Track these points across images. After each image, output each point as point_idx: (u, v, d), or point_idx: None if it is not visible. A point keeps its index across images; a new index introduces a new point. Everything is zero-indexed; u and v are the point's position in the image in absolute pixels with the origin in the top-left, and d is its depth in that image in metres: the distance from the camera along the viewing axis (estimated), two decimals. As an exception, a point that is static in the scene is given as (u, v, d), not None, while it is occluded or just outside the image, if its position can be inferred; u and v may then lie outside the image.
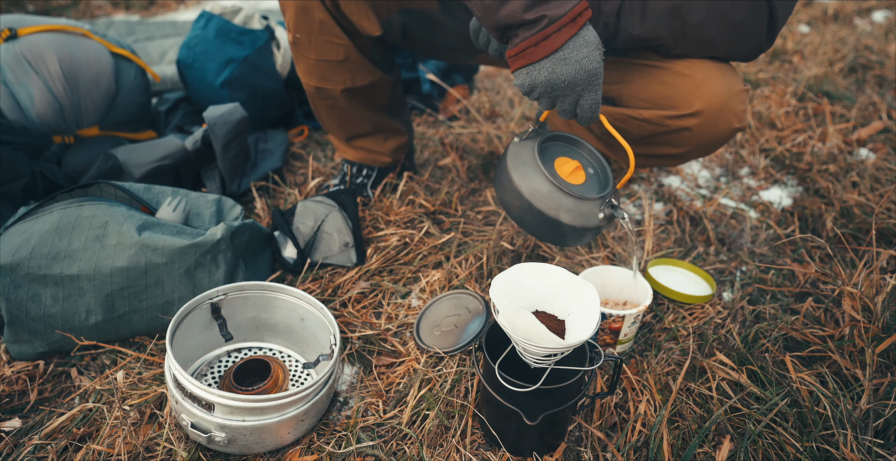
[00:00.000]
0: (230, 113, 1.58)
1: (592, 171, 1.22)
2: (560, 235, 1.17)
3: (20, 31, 1.54)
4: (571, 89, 0.99)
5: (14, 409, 1.12)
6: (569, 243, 1.19)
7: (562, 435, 1.04)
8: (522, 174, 1.14)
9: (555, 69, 0.95)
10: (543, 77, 0.96)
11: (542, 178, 1.12)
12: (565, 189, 1.12)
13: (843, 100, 2.18)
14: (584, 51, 0.95)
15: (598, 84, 0.99)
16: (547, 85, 0.97)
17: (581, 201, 1.13)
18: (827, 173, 1.77)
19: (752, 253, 1.51)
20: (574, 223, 1.13)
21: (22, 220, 1.20)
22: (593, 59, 0.96)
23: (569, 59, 0.95)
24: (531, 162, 1.14)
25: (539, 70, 0.96)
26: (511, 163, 1.16)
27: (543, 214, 1.12)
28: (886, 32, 2.88)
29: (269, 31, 1.88)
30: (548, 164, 1.16)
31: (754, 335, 1.24)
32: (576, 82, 0.97)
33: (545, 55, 0.95)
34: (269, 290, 1.17)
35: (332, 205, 1.45)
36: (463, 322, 1.22)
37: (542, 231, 1.17)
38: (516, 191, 1.14)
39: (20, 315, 1.15)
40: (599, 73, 0.98)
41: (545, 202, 1.12)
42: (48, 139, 1.60)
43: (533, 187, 1.13)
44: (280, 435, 1.01)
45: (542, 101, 1.02)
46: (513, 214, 1.18)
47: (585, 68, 0.96)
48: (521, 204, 1.14)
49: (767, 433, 1.05)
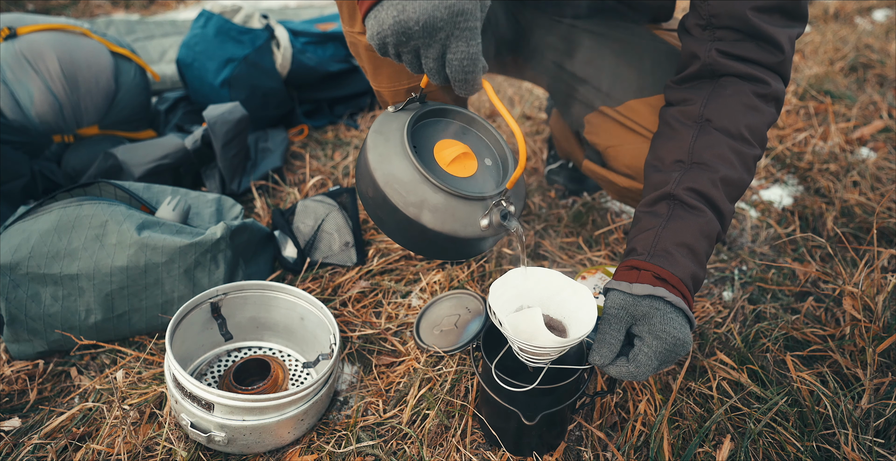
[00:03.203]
0: (230, 112, 1.58)
1: (490, 163, 0.93)
2: (425, 244, 0.88)
3: (19, 30, 1.54)
4: (431, 35, 0.74)
5: (14, 409, 1.12)
6: (447, 257, 0.90)
7: (561, 434, 1.04)
8: (382, 154, 0.84)
9: (405, 5, 0.72)
10: (391, 18, 0.73)
11: (405, 161, 0.83)
12: (435, 179, 0.82)
13: (844, 99, 2.18)
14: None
15: (468, 28, 0.74)
16: (397, 29, 0.73)
17: (455, 199, 0.83)
18: (828, 172, 1.76)
19: (752, 252, 1.51)
20: (441, 228, 0.83)
21: (21, 220, 1.20)
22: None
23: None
24: (396, 138, 0.85)
25: (386, 10, 0.73)
26: (371, 138, 0.86)
27: (399, 211, 0.83)
28: (887, 31, 2.87)
29: (268, 30, 1.88)
30: (423, 144, 0.87)
31: (755, 334, 1.24)
32: (434, 24, 0.72)
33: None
34: (269, 290, 1.17)
35: (333, 204, 1.45)
36: (463, 322, 1.22)
37: (403, 237, 0.89)
38: (370, 176, 0.84)
39: (20, 314, 1.15)
40: (468, 11, 0.73)
41: (403, 195, 0.82)
42: (48, 138, 1.60)
43: (390, 172, 0.82)
44: (280, 434, 1.01)
45: (405, 57, 0.78)
46: (369, 211, 0.89)
47: (447, 2, 0.71)
48: (375, 195, 0.84)
49: (768, 432, 1.05)
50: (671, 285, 0.86)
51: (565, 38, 1.21)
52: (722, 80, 0.97)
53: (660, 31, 1.19)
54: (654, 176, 0.97)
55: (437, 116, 0.93)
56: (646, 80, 1.12)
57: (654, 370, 0.84)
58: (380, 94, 1.19)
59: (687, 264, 0.87)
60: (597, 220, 1.56)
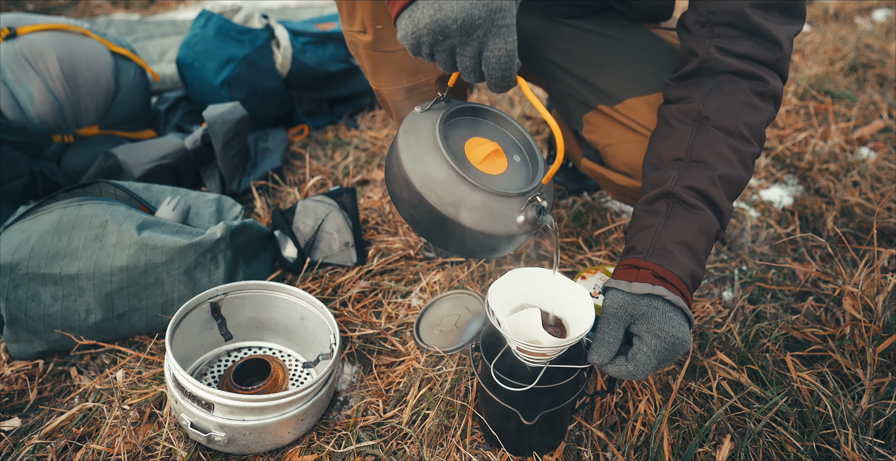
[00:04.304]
0: (230, 112, 1.58)
1: (519, 159, 0.93)
2: (461, 243, 0.87)
3: (19, 29, 1.54)
4: (468, 33, 0.73)
5: (14, 409, 1.12)
6: (478, 255, 0.92)
7: (561, 434, 1.04)
8: (415, 155, 0.84)
9: (442, 4, 0.71)
10: (427, 17, 0.72)
11: (440, 160, 0.83)
12: (472, 179, 0.82)
13: (844, 99, 2.18)
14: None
15: (506, 25, 0.74)
16: (433, 28, 0.73)
17: (493, 197, 0.84)
18: (828, 172, 1.76)
19: (752, 252, 1.51)
20: (479, 227, 0.84)
21: (21, 220, 1.20)
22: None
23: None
24: (428, 139, 0.84)
25: (422, 9, 0.72)
26: (403, 140, 0.86)
27: (436, 211, 0.83)
28: (887, 31, 2.87)
29: (268, 30, 1.88)
30: (454, 143, 0.87)
31: (755, 334, 1.24)
32: (472, 21, 0.72)
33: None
34: (269, 290, 1.17)
35: (333, 204, 1.45)
36: (463, 322, 1.22)
37: (439, 236, 0.88)
38: (405, 178, 0.84)
39: (20, 314, 1.15)
40: (506, 8, 0.73)
41: (440, 195, 0.82)
42: (48, 138, 1.60)
43: (426, 173, 0.83)
44: (280, 434, 1.01)
45: (438, 57, 0.78)
46: (403, 213, 0.89)
47: (484, 0, 0.71)
48: (410, 197, 0.85)
49: (768, 432, 1.05)
50: (670, 284, 0.86)
51: (564, 38, 1.21)
52: (720, 78, 0.97)
53: (658, 30, 1.19)
54: (652, 174, 0.97)
55: (463, 115, 0.93)
56: (644, 79, 1.12)
57: (653, 369, 0.84)
58: (379, 94, 1.19)
59: (686, 263, 0.87)
60: (597, 219, 1.56)
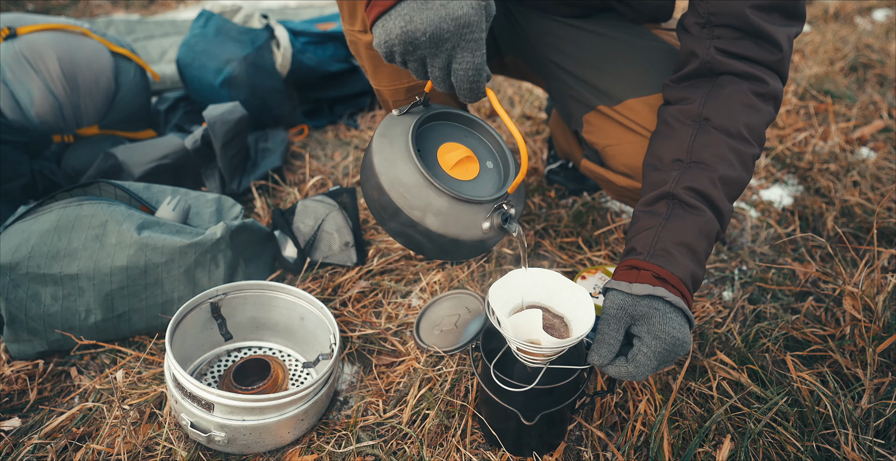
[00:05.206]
0: (230, 112, 1.58)
1: (492, 166, 0.94)
2: (428, 246, 0.90)
3: (19, 29, 1.54)
4: (437, 46, 0.76)
5: (14, 409, 1.12)
6: (445, 258, 0.94)
7: (561, 434, 1.04)
8: (387, 158, 0.86)
9: (413, 16, 0.74)
10: (398, 28, 0.75)
11: (410, 164, 0.85)
12: (439, 184, 0.85)
13: (844, 99, 2.18)
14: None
15: (474, 39, 0.76)
16: (404, 39, 0.75)
17: (459, 203, 0.86)
18: (828, 172, 1.76)
19: (752, 252, 1.51)
20: (444, 231, 0.86)
21: (21, 220, 1.20)
22: (465, 4, 0.74)
23: (430, 2, 0.74)
24: (401, 143, 0.87)
25: (394, 19, 0.75)
26: (377, 142, 0.88)
27: (403, 214, 0.86)
28: (887, 31, 2.87)
29: (268, 30, 1.88)
30: (427, 147, 0.90)
31: (755, 334, 1.24)
32: (440, 35, 0.75)
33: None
34: (269, 290, 1.17)
35: (333, 204, 1.45)
36: (463, 322, 1.22)
37: (406, 238, 0.91)
38: (376, 180, 0.86)
39: (20, 314, 1.15)
40: (474, 23, 0.75)
41: (408, 198, 0.85)
42: (48, 138, 1.60)
43: (395, 176, 0.85)
44: (280, 434, 1.01)
45: (410, 66, 0.80)
46: (374, 213, 0.92)
47: (453, 14, 0.74)
48: (380, 198, 0.87)
49: (768, 432, 1.05)
50: (671, 285, 0.86)
51: (564, 38, 1.21)
52: (720, 79, 0.97)
53: (659, 30, 1.19)
54: (652, 175, 0.97)
55: (440, 119, 0.96)
56: (644, 79, 1.12)
57: (653, 370, 0.84)
58: (380, 93, 1.19)
59: (686, 264, 0.87)
60: (597, 219, 1.56)
